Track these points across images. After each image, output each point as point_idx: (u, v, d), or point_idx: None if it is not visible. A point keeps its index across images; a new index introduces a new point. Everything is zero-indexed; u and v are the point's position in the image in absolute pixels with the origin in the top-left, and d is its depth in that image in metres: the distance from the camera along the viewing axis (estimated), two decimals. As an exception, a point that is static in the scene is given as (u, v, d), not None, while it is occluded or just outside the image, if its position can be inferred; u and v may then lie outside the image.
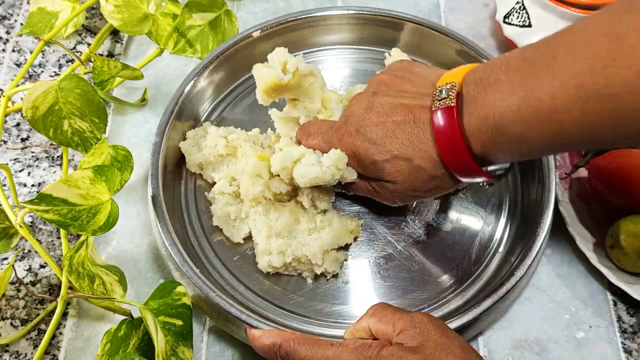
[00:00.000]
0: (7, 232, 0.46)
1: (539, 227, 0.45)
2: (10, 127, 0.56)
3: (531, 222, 0.46)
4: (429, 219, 0.49)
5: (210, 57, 0.53)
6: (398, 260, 0.47)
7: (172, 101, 0.51)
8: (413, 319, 0.35)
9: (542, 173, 0.47)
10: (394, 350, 0.33)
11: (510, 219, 0.49)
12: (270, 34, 0.55)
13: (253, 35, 0.54)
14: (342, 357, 0.34)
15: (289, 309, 0.45)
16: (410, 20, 0.55)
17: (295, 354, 0.36)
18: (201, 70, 0.53)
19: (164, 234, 0.45)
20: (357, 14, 0.56)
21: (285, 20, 0.55)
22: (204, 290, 0.42)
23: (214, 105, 0.55)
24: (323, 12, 0.56)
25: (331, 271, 0.46)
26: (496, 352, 0.45)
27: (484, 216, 0.50)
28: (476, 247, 0.48)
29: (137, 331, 0.41)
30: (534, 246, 0.44)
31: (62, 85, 0.47)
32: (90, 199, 0.42)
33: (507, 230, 0.49)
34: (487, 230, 0.49)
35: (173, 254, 0.44)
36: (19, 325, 0.46)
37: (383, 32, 0.57)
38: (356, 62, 0.58)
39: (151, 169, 0.47)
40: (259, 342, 0.39)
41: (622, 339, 0.46)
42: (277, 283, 0.46)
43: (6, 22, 0.63)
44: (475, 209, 0.50)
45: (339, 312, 0.45)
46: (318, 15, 0.56)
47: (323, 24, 0.57)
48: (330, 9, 0.56)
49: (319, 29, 0.57)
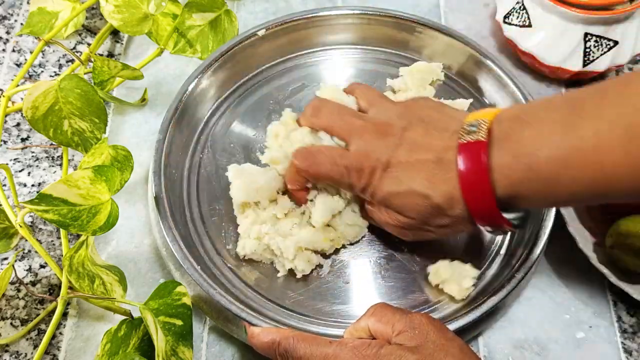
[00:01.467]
0: (7, 232, 0.46)
1: (540, 230, 0.45)
2: (10, 127, 0.56)
3: (532, 224, 0.46)
4: None
5: (215, 56, 0.53)
6: (399, 260, 0.47)
7: (175, 99, 0.51)
8: (412, 319, 0.35)
9: None
10: (392, 350, 0.33)
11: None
12: (276, 32, 0.55)
13: (258, 34, 0.55)
14: (341, 355, 0.34)
15: (289, 308, 0.45)
16: (418, 22, 0.55)
17: (294, 351, 0.36)
18: (205, 68, 0.53)
19: (165, 230, 0.45)
20: (362, 14, 0.56)
21: (290, 20, 0.56)
22: (205, 287, 0.42)
23: (217, 103, 0.55)
24: (328, 11, 0.56)
25: (300, 270, 0.45)
26: (496, 352, 0.45)
27: None
28: (477, 250, 0.48)
29: (137, 331, 0.41)
30: (534, 250, 0.44)
31: (62, 85, 0.47)
32: (90, 199, 0.42)
33: (509, 233, 0.49)
34: (488, 232, 0.49)
35: (175, 251, 0.44)
36: (19, 325, 0.46)
37: (388, 33, 0.57)
38: (361, 62, 0.58)
39: (154, 166, 0.47)
40: (258, 340, 0.39)
41: (622, 339, 0.46)
42: (277, 281, 0.46)
43: (6, 22, 0.63)
44: None
45: (339, 312, 0.45)
46: (323, 15, 0.56)
47: (328, 24, 0.57)
48: (336, 9, 0.56)
49: (324, 29, 0.57)
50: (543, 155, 0.34)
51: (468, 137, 0.37)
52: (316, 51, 0.58)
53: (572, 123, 0.33)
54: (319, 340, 0.36)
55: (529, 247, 0.44)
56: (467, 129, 0.38)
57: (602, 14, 0.52)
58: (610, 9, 0.52)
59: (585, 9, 0.52)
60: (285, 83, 0.57)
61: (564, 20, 0.53)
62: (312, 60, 0.58)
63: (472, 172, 0.37)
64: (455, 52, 0.55)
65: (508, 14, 0.57)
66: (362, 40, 0.58)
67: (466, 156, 0.37)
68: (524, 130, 0.35)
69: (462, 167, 0.37)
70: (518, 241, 0.47)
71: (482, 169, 0.36)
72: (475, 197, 0.37)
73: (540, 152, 0.34)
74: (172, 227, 0.45)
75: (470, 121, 0.38)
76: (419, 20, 0.55)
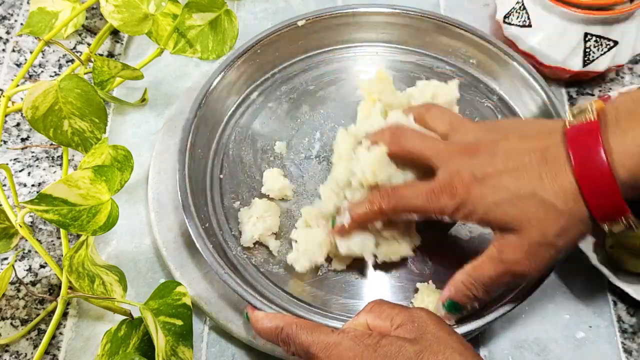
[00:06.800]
0: (7, 232, 0.46)
1: None
2: (10, 127, 0.56)
3: None
4: (449, 227, 0.49)
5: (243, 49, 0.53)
6: (411, 262, 0.47)
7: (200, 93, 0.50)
8: (411, 313, 0.35)
9: None
10: (393, 340, 0.34)
11: None
12: (314, 23, 0.55)
13: (298, 24, 0.54)
14: (342, 343, 0.34)
15: (296, 296, 0.45)
16: (465, 29, 0.55)
17: (296, 337, 0.36)
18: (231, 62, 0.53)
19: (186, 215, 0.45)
20: (398, 13, 0.56)
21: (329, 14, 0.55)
22: (214, 267, 0.42)
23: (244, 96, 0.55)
24: (366, 8, 0.56)
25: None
26: (496, 352, 0.45)
27: None
28: None
29: (137, 331, 0.41)
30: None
31: (62, 85, 0.47)
32: (90, 199, 0.42)
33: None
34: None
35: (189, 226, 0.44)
36: (19, 325, 0.46)
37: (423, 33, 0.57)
38: (395, 62, 0.57)
39: (180, 144, 0.47)
40: (261, 325, 0.39)
41: (622, 339, 0.46)
42: (286, 268, 0.46)
43: (6, 22, 0.63)
44: None
45: (345, 305, 0.45)
46: (361, 12, 0.56)
47: (366, 21, 0.57)
48: (374, 6, 0.56)
49: (361, 26, 0.57)
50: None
51: (576, 119, 0.34)
52: (351, 47, 0.58)
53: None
54: (321, 329, 0.36)
55: None
56: (573, 112, 0.35)
57: (602, 14, 0.52)
58: (610, 9, 0.52)
59: (585, 9, 0.52)
60: (318, 75, 0.57)
61: (564, 20, 0.53)
62: (343, 56, 0.58)
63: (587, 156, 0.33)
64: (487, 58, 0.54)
65: (508, 13, 0.57)
66: (396, 40, 0.58)
67: (578, 139, 0.34)
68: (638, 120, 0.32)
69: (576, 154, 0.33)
70: None
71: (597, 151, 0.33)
72: (594, 184, 0.33)
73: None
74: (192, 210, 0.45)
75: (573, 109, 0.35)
76: (461, 25, 0.55)
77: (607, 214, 0.34)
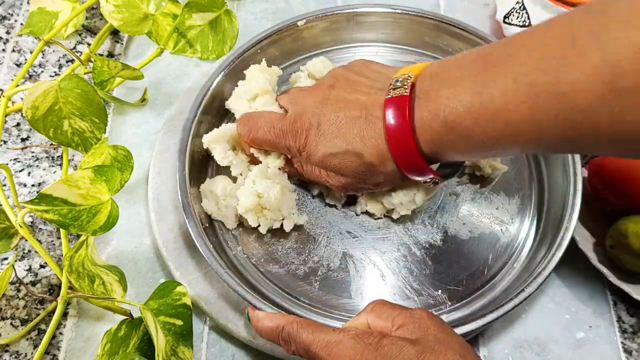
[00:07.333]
0: (7, 232, 0.46)
1: (555, 249, 0.44)
2: (10, 127, 0.56)
3: (547, 244, 0.46)
4: (447, 225, 0.49)
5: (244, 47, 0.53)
6: (410, 262, 0.47)
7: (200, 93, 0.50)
8: (412, 314, 0.36)
9: (567, 186, 0.47)
10: (394, 340, 0.34)
11: (530, 231, 0.49)
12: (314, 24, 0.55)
13: (298, 24, 0.54)
14: (343, 342, 0.34)
15: (295, 296, 0.45)
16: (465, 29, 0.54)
17: (297, 336, 0.36)
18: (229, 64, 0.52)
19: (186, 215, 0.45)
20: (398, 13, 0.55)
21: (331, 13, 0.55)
22: (214, 267, 0.43)
23: None
24: (366, 8, 0.56)
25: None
26: (496, 352, 0.45)
27: (503, 229, 0.49)
28: (490, 260, 0.47)
29: (137, 331, 0.41)
30: (547, 267, 0.43)
31: (62, 85, 0.47)
32: (90, 199, 0.42)
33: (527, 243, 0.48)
34: (503, 244, 0.48)
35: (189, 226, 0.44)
36: (19, 325, 0.46)
37: (422, 33, 0.57)
38: (395, 62, 0.57)
39: (180, 144, 0.48)
40: (262, 324, 0.39)
41: (622, 339, 0.46)
42: (284, 268, 0.47)
43: (6, 22, 0.63)
44: (494, 220, 0.49)
45: (344, 306, 0.45)
46: (361, 12, 0.56)
47: (366, 21, 0.57)
48: (374, 6, 0.56)
49: (361, 26, 0.57)
50: (457, 113, 0.36)
51: (393, 92, 0.39)
52: (354, 47, 0.58)
53: (482, 82, 0.35)
54: (322, 328, 0.36)
55: (542, 265, 0.43)
56: (393, 84, 0.40)
57: (602, 14, 0.52)
58: (610, 9, 0.52)
59: (585, 9, 0.52)
60: None
61: (564, 20, 0.53)
62: (345, 56, 0.58)
63: (397, 127, 0.38)
64: None
65: (508, 14, 0.57)
66: (395, 39, 0.58)
67: (391, 111, 0.39)
68: (441, 88, 0.37)
69: (388, 122, 0.39)
70: (533, 257, 0.47)
71: (406, 123, 0.38)
72: (402, 152, 0.39)
73: (455, 110, 0.36)
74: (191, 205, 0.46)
75: (397, 76, 0.40)
76: (461, 25, 0.54)
77: (413, 172, 0.41)
